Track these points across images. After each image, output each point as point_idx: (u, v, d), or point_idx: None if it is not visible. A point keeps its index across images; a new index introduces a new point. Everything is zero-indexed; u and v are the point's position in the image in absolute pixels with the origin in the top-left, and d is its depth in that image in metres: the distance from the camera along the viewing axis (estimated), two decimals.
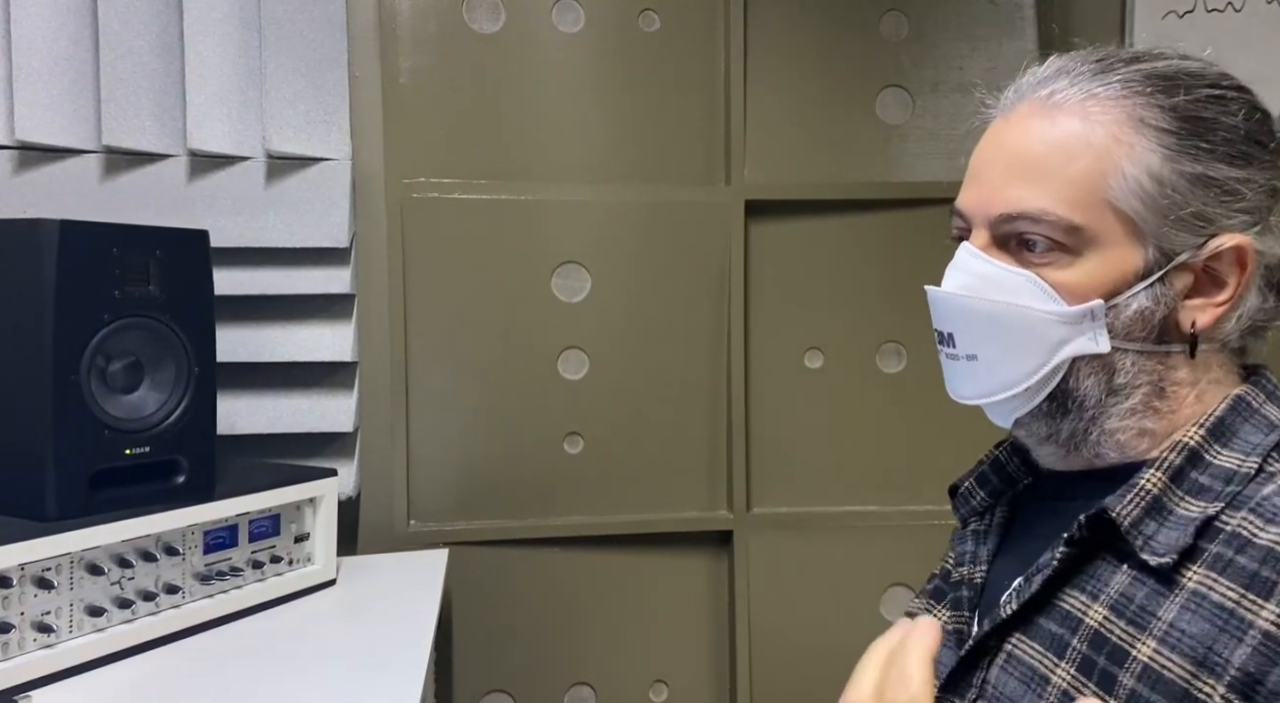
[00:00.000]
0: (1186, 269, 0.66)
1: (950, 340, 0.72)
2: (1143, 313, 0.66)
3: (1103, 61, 0.69)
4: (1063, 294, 0.66)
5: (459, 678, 1.60)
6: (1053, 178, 0.66)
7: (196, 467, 1.18)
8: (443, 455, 1.58)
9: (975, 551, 0.80)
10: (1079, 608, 0.66)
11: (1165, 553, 0.62)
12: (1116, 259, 0.66)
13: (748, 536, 1.67)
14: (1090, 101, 0.67)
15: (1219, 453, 0.66)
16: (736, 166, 1.63)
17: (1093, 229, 0.65)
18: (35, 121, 1.36)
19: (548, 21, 1.58)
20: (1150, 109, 0.66)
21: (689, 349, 1.65)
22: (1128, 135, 0.65)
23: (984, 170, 0.71)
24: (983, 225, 0.70)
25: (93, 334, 1.07)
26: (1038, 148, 0.67)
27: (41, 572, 1.01)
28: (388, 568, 1.44)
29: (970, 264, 0.70)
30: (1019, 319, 0.67)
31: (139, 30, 1.40)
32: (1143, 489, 0.65)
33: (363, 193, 1.54)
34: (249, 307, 1.47)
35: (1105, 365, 0.67)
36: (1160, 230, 0.65)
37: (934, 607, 0.83)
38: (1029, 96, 0.70)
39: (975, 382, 0.71)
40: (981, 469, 0.83)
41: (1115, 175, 0.65)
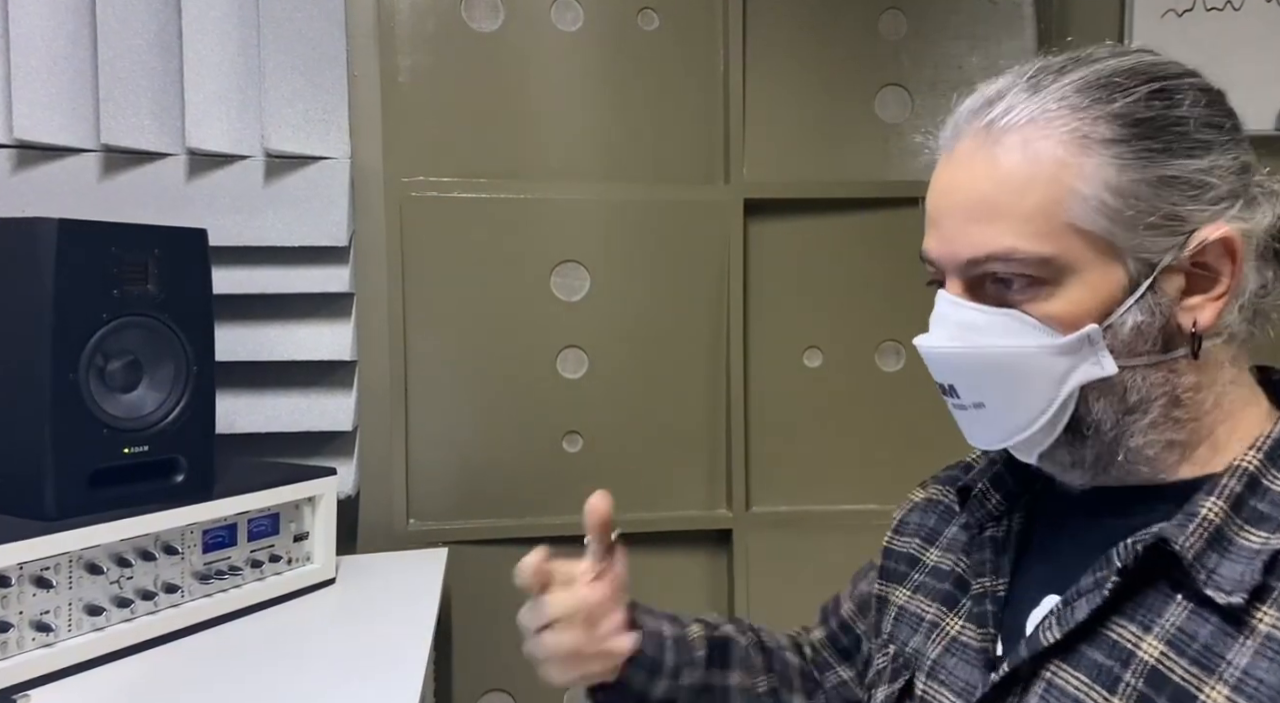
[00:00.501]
0: (1174, 272, 0.63)
1: (953, 391, 0.69)
2: (1140, 327, 0.63)
3: (1034, 78, 0.66)
4: (1053, 326, 0.64)
5: (458, 677, 1.60)
6: (1010, 215, 0.63)
7: (195, 466, 1.18)
8: (442, 454, 1.58)
9: (995, 560, 0.75)
10: (1129, 639, 0.62)
11: (1233, 591, 0.58)
12: (1098, 280, 0.63)
13: (747, 534, 1.67)
14: (1028, 127, 0.64)
15: (1277, 477, 0.63)
16: (735, 165, 1.63)
17: (1065, 256, 0.62)
18: (34, 120, 1.36)
19: (546, 20, 1.58)
20: (1092, 123, 0.63)
21: (688, 348, 1.65)
22: (1074, 156, 0.62)
23: (941, 218, 0.68)
24: (954, 272, 0.67)
25: (91, 333, 1.07)
26: (986, 186, 0.64)
27: (40, 571, 1.01)
28: (387, 567, 1.44)
29: (952, 314, 0.67)
30: (1016, 360, 0.65)
31: (137, 29, 1.40)
32: (1205, 519, 0.61)
33: (362, 192, 1.54)
34: (248, 305, 1.47)
35: (1115, 387, 0.64)
36: (1135, 242, 0.62)
37: (947, 615, 0.78)
38: (967, 130, 0.67)
39: (989, 429, 0.69)
40: (996, 469, 0.79)
41: (1071, 198, 0.62)
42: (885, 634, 0.83)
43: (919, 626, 0.79)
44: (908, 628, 0.80)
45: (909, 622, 0.81)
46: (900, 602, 0.83)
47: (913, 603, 0.82)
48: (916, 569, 0.84)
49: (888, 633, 0.83)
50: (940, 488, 0.88)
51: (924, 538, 0.85)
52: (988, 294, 0.66)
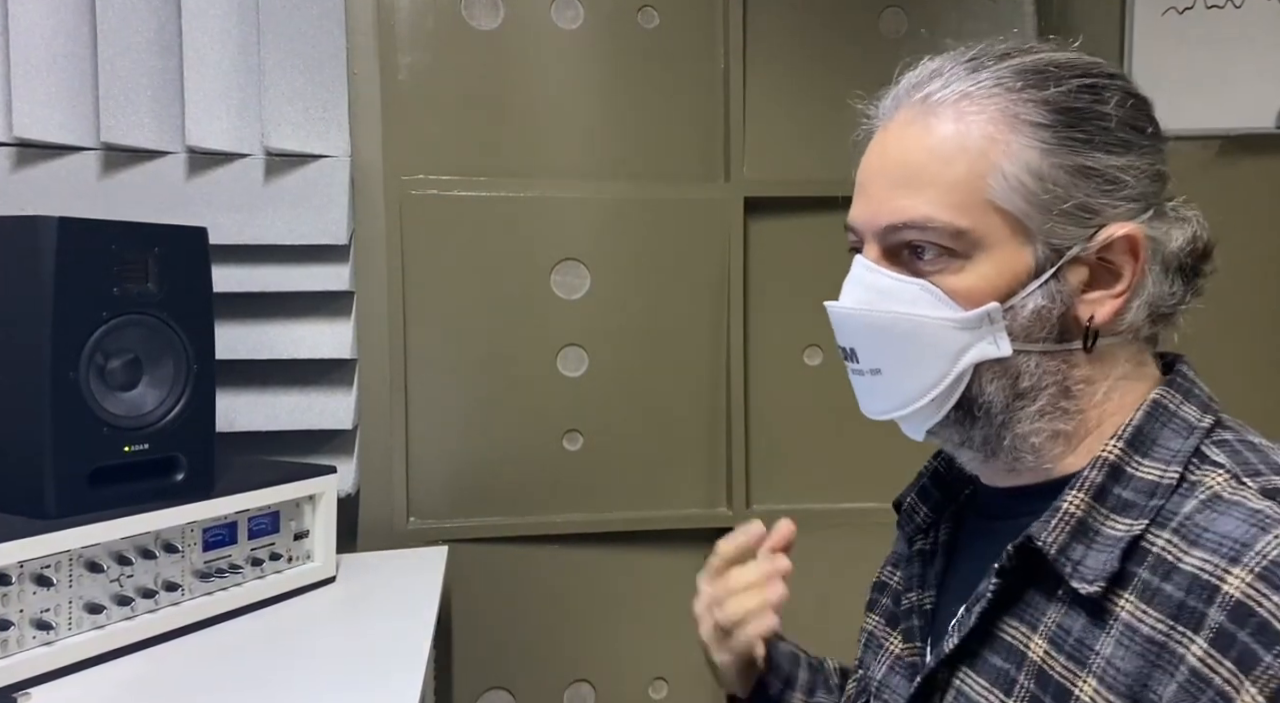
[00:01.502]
0: (1080, 263, 0.65)
1: (854, 356, 0.71)
2: (1039, 312, 0.64)
3: (974, 60, 0.68)
4: (957, 300, 0.65)
5: (458, 675, 1.60)
6: (933, 184, 0.65)
7: (196, 464, 1.18)
8: (442, 452, 1.58)
9: (923, 573, 0.78)
10: (1020, 640, 0.64)
11: (1094, 580, 0.60)
12: (1007, 259, 0.64)
13: None
14: (964, 101, 0.65)
15: (1140, 464, 0.64)
16: (736, 163, 1.63)
17: (979, 231, 0.64)
18: (33, 118, 1.36)
19: (546, 18, 1.58)
20: (1023, 104, 0.64)
21: (688, 346, 1.65)
22: (1003, 133, 0.64)
23: (869, 183, 0.70)
24: (873, 238, 0.69)
25: (91, 331, 1.07)
26: (917, 155, 0.66)
27: (41, 569, 1.01)
28: (387, 565, 1.44)
29: (864, 277, 0.69)
30: (916, 329, 0.66)
31: (137, 27, 1.40)
32: (1066, 513, 0.63)
33: (361, 190, 1.54)
34: (248, 304, 1.46)
35: (1008, 369, 0.65)
36: (1046, 226, 0.64)
37: (890, 634, 0.80)
38: (905, 102, 0.69)
39: (882, 397, 0.70)
40: (923, 482, 0.81)
41: (994, 175, 0.64)
42: (858, 661, 0.85)
43: (878, 649, 0.81)
44: (870, 652, 0.83)
45: (872, 646, 0.83)
46: (870, 628, 0.85)
47: (876, 627, 0.84)
48: (884, 594, 0.86)
49: (860, 659, 0.85)
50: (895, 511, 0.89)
51: (893, 564, 0.87)
52: (901, 262, 0.68)
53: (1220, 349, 1.75)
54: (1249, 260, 1.75)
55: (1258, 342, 1.78)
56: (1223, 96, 1.73)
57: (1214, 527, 0.58)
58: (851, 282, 0.70)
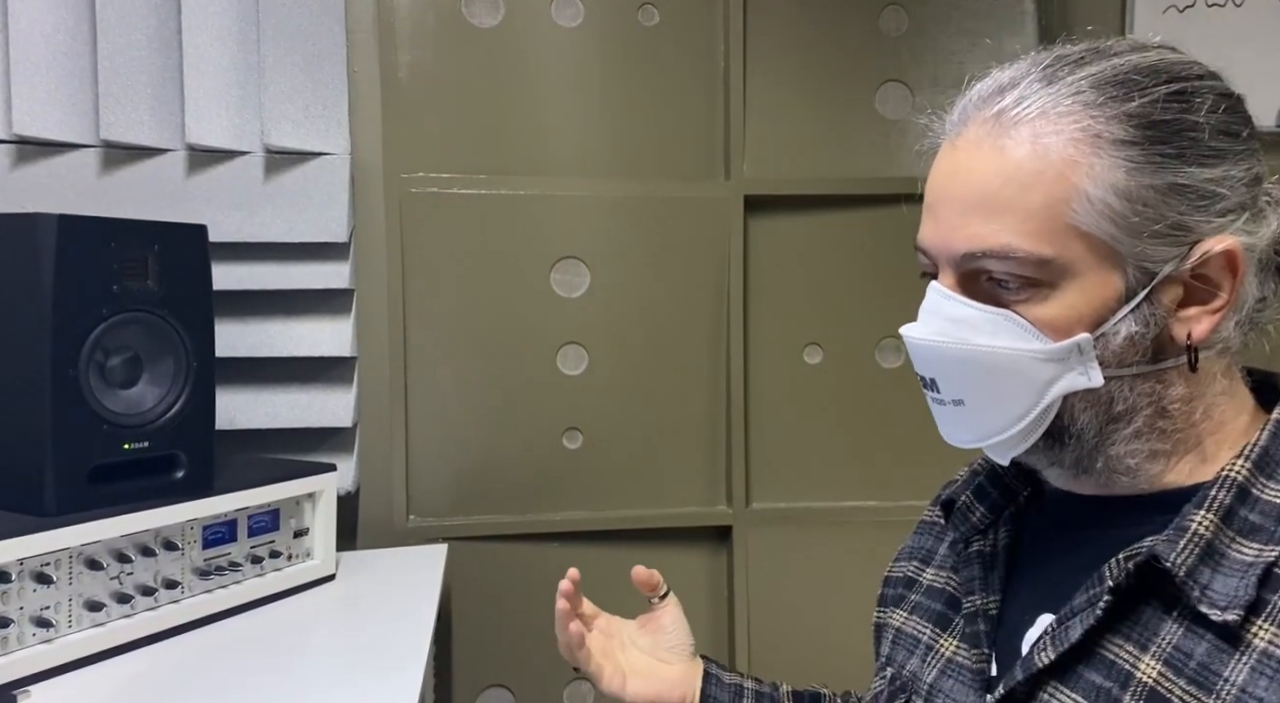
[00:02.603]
0: (1173, 282, 0.61)
1: (933, 385, 0.68)
2: (1132, 337, 0.61)
3: (1049, 68, 0.63)
4: (1044, 330, 0.61)
5: (458, 673, 1.60)
6: (1011, 210, 0.61)
7: (195, 462, 1.18)
8: (442, 451, 1.58)
9: (985, 577, 0.73)
10: (1127, 659, 0.60)
11: (1228, 607, 0.57)
12: (1096, 286, 0.61)
13: (747, 531, 1.67)
14: (1040, 119, 0.61)
15: (1266, 487, 0.61)
16: (736, 162, 1.63)
17: (1064, 259, 0.60)
18: (33, 115, 1.36)
19: (546, 16, 1.58)
20: (1106, 120, 0.60)
21: (688, 344, 1.65)
22: (1084, 154, 0.60)
23: (939, 206, 0.65)
24: (948, 264, 0.65)
25: (91, 329, 1.07)
26: (992, 180, 0.62)
27: (40, 567, 1.01)
28: (387, 563, 1.44)
29: (942, 307, 0.65)
30: (1002, 362, 0.63)
31: (137, 24, 1.40)
32: (1195, 534, 0.60)
33: (361, 188, 1.53)
34: (248, 302, 1.46)
35: (1101, 396, 0.62)
36: (1137, 249, 0.60)
37: (940, 635, 0.76)
38: (975, 117, 0.64)
39: (965, 427, 0.67)
40: (978, 481, 0.77)
41: (1078, 199, 0.60)
42: (883, 657, 0.83)
43: (915, 647, 0.79)
44: (904, 650, 0.80)
45: (905, 644, 0.80)
46: (898, 624, 0.82)
47: (909, 624, 0.81)
48: (913, 590, 0.83)
49: (885, 655, 0.82)
50: (931, 510, 0.87)
51: (920, 560, 0.85)
52: (980, 290, 0.64)
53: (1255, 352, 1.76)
54: None
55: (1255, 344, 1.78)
56: None
57: None
58: (928, 311, 0.67)
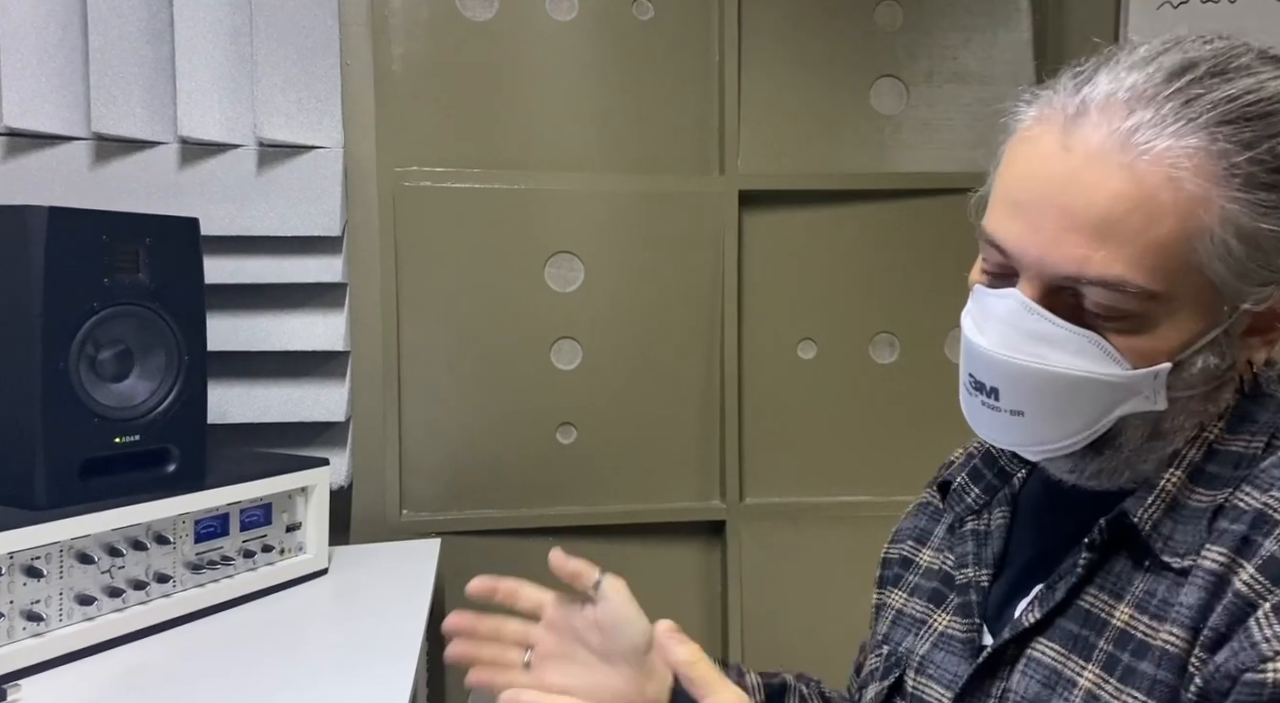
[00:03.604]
0: (1246, 313, 0.61)
1: (994, 394, 0.64)
2: (1208, 368, 0.61)
3: (1183, 85, 0.59)
4: (1128, 356, 0.60)
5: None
6: (1132, 242, 0.57)
7: (187, 455, 1.17)
8: (435, 445, 1.58)
9: (978, 552, 0.75)
10: (1102, 608, 0.63)
11: (1185, 553, 0.60)
12: (1190, 320, 0.60)
13: (740, 526, 1.67)
14: (1177, 146, 0.57)
15: (1230, 440, 0.64)
16: (730, 156, 1.63)
17: (1172, 294, 0.58)
18: (24, 108, 1.35)
19: (541, 9, 1.57)
20: (1239, 157, 0.57)
21: (682, 339, 1.65)
22: (1216, 191, 0.57)
23: (1039, 211, 0.60)
24: (1036, 277, 0.61)
25: (82, 322, 1.06)
26: (1115, 203, 0.57)
27: (31, 560, 1.00)
28: (380, 557, 1.43)
29: (1023, 321, 0.61)
30: (1076, 383, 0.61)
31: (128, 16, 1.39)
32: (1162, 490, 0.63)
33: (355, 181, 1.53)
34: (240, 295, 1.46)
35: (1154, 417, 0.63)
36: (1238, 288, 0.59)
37: (934, 610, 0.78)
38: (1098, 120, 0.59)
39: (1015, 434, 0.66)
40: (974, 464, 0.79)
41: (1202, 238, 0.57)
42: (880, 636, 0.83)
43: (912, 626, 0.80)
44: (902, 629, 0.81)
45: (904, 624, 0.81)
46: (898, 605, 0.83)
47: (909, 605, 0.82)
48: (911, 571, 0.84)
49: (883, 634, 0.83)
50: (929, 491, 0.88)
51: (916, 540, 0.85)
52: (1064, 303, 0.61)
53: None
54: None
55: None
56: None
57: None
58: (1002, 320, 0.63)
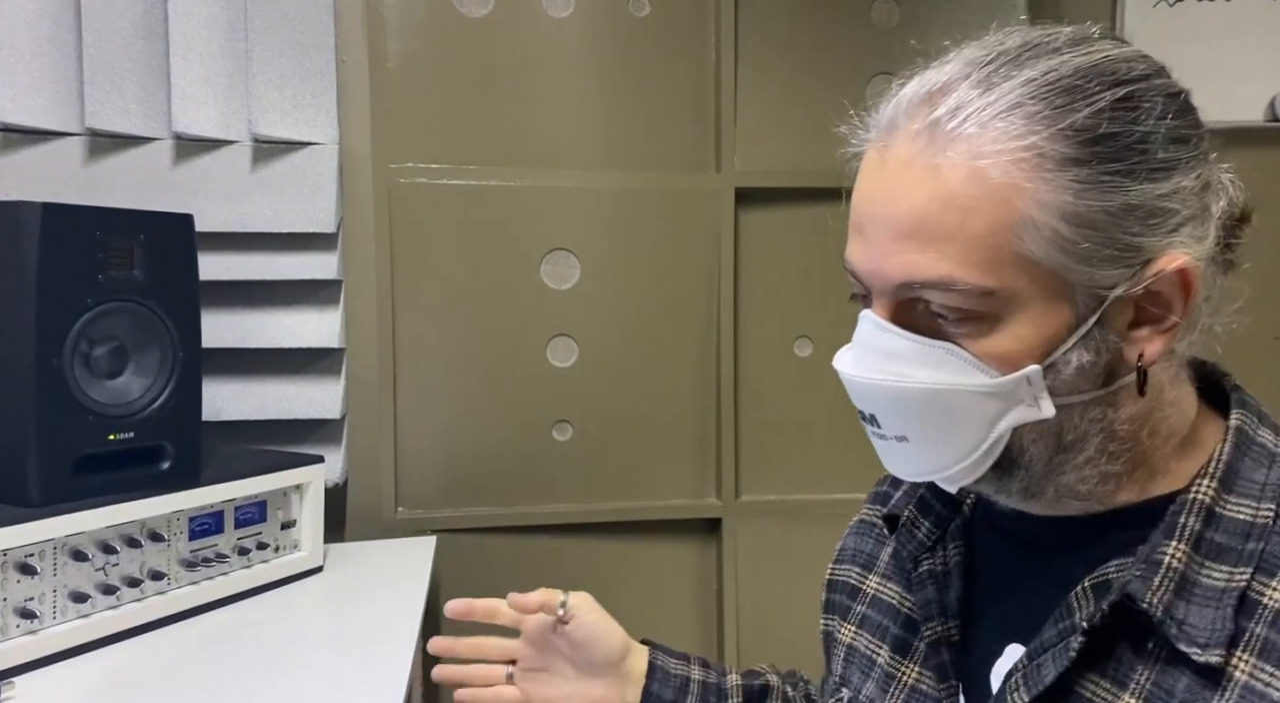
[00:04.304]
0: (1124, 303, 0.57)
1: (874, 421, 0.62)
2: (1084, 366, 0.57)
3: (987, 70, 0.57)
4: (990, 364, 0.57)
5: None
6: (951, 239, 0.55)
7: (182, 453, 1.17)
8: (431, 442, 1.58)
9: (941, 600, 0.70)
10: (1105, 699, 0.57)
11: (1208, 645, 0.54)
12: (1044, 315, 0.56)
13: (736, 523, 1.67)
14: (980, 135, 0.55)
15: (1229, 502, 0.58)
16: (727, 154, 1.63)
17: (1010, 289, 0.55)
18: (17, 103, 1.35)
19: (537, 6, 1.57)
20: (1050, 136, 0.55)
21: (679, 337, 1.65)
22: (1028, 176, 0.54)
23: (869, 226, 0.59)
24: (881, 292, 0.59)
25: (76, 318, 1.06)
26: (927, 205, 0.56)
27: (24, 558, 1.00)
28: (375, 555, 1.43)
29: (878, 340, 0.60)
30: (945, 398, 0.58)
31: (122, 10, 1.39)
32: (1169, 568, 0.56)
33: (350, 178, 1.53)
34: (235, 292, 1.46)
35: (1051, 427, 0.59)
36: (1087, 274, 0.56)
37: (901, 663, 0.72)
38: (905, 126, 0.58)
39: (910, 462, 0.63)
40: (920, 493, 0.73)
41: (1023, 226, 0.55)
42: (837, 676, 0.80)
43: (870, 670, 0.75)
44: (859, 671, 0.77)
45: (859, 664, 0.77)
46: (848, 640, 0.79)
47: (860, 640, 0.78)
48: (858, 600, 0.80)
49: (839, 675, 0.79)
50: (870, 508, 0.83)
51: (861, 565, 0.81)
52: (918, 318, 0.59)
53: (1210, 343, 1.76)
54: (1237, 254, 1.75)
55: (1248, 335, 1.79)
56: (1213, 89, 1.72)
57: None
58: (861, 344, 0.62)
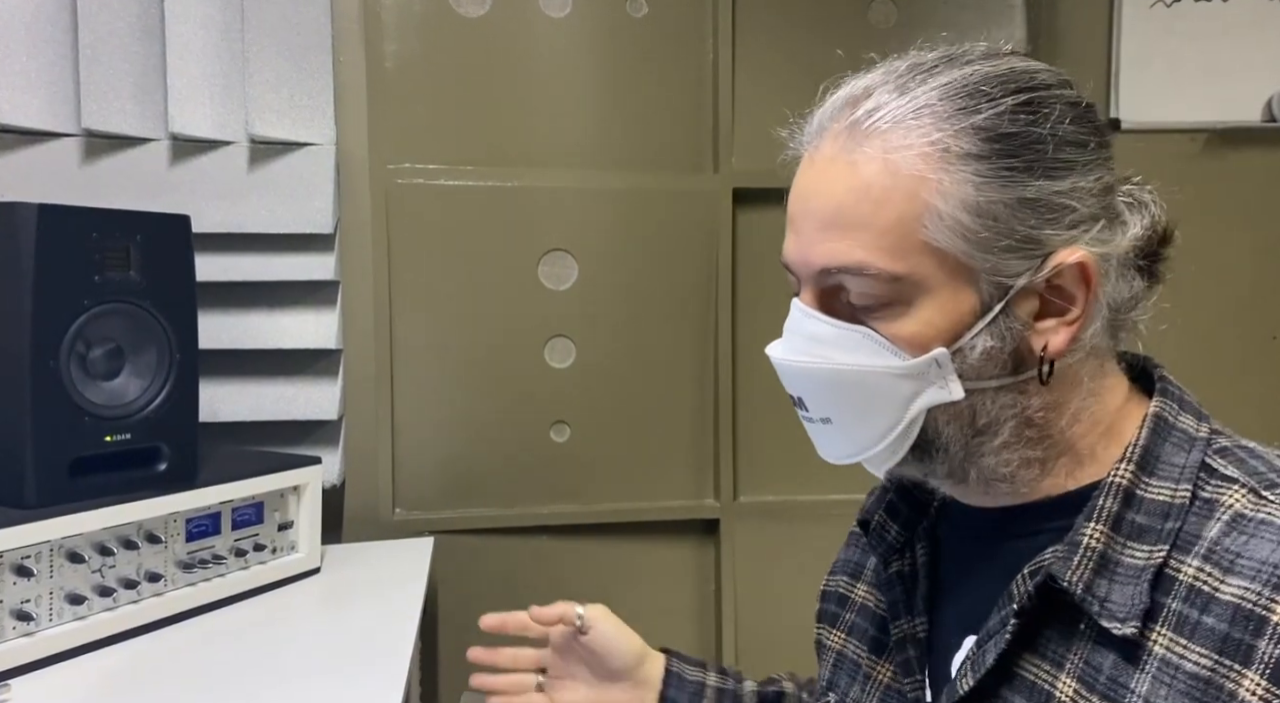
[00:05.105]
0: (1028, 294, 0.61)
1: (802, 404, 0.68)
2: (989, 352, 0.61)
3: (903, 78, 0.63)
4: (901, 346, 0.62)
5: (444, 667, 1.59)
6: (865, 226, 0.61)
7: (178, 454, 1.17)
8: (428, 443, 1.58)
9: (908, 600, 0.74)
10: (1044, 679, 0.61)
11: (1126, 619, 0.57)
12: (951, 301, 0.61)
13: (734, 524, 1.67)
14: (891, 132, 0.61)
15: (1149, 485, 0.61)
16: (725, 154, 1.63)
17: (918, 275, 0.60)
18: (13, 103, 1.34)
19: (534, 6, 1.57)
20: (955, 134, 0.60)
21: (676, 337, 1.65)
22: (934, 169, 0.60)
23: (798, 219, 0.65)
24: (808, 281, 0.65)
25: (72, 320, 1.06)
26: (844, 196, 0.61)
27: (21, 560, 1.00)
28: (373, 556, 1.43)
29: (803, 325, 0.66)
30: (862, 379, 0.63)
31: (119, 11, 1.38)
32: (1087, 548, 0.60)
33: (347, 178, 1.52)
34: (231, 293, 1.45)
35: (963, 410, 0.63)
36: (989, 263, 0.60)
37: (876, 662, 0.76)
38: (830, 128, 0.64)
39: (836, 444, 0.68)
40: (889, 498, 0.77)
41: (929, 215, 0.59)
42: (824, 681, 0.82)
43: (856, 673, 0.79)
44: (846, 676, 0.80)
45: (847, 669, 0.80)
46: (838, 647, 0.82)
47: (848, 647, 0.81)
48: (846, 608, 0.83)
49: (827, 680, 0.82)
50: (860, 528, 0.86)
51: (850, 574, 0.84)
52: (840, 307, 0.64)
53: (1206, 343, 1.77)
54: (1234, 254, 1.75)
55: (1245, 335, 1.79)
56: (1210, 89, 1.73)
57: (1248, 552, 0.56)
58: (790, 329, 0.67)
